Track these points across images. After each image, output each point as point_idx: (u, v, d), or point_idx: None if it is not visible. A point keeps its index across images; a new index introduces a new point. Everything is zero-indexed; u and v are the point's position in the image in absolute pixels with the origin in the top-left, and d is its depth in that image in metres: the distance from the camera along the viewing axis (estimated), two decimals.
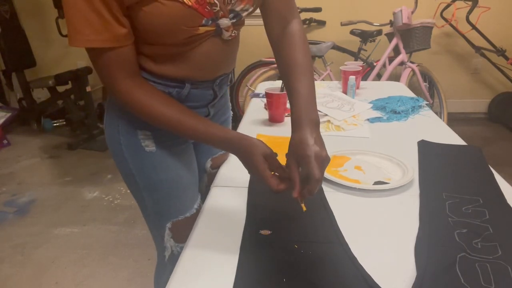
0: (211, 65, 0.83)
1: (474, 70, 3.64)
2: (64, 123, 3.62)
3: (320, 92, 1.67)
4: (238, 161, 0.75)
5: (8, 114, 3.58)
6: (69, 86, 3.44)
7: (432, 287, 0.63)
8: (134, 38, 0.72)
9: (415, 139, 1.20)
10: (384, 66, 3.04)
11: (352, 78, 1.62)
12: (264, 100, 1.54)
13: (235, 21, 0.79)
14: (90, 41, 0.66)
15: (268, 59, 3.18)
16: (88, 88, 3.39)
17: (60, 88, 3.50)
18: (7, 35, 3.39)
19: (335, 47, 3.18)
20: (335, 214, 0.83)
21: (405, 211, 0.85)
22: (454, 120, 3.49)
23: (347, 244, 0.73)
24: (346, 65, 1.77)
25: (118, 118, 0.84)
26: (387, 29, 3.04)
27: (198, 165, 1.03)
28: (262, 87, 1.76)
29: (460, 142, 1.19)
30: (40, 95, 3.75)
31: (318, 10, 3.33)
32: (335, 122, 1.36)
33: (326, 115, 1.41)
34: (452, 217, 0.81)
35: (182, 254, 0.74)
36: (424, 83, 3.05)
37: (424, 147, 1.14)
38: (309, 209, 0.67)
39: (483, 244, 0.72)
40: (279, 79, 3.01)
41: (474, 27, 3.15)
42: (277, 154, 0.76)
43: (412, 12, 2.81)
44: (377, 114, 1.43)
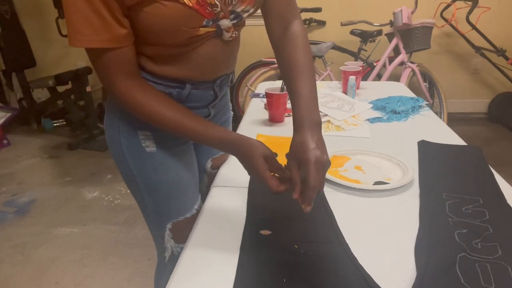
0: (212, 65, 0.83)
1: (474, 70, 3.64)
2: (64, 123, 3.63)
3: (320, 92, 1.68)
4: (238, 161, 0.75)
5: (8, 114, 3.58)
6: (69, 86, 3.44)
7: (432, 287, 0.63)
8: (134, 38, 0.72)
9: (415, 139, 1.20)
10: (384, 66, 3.04)
11: (352, 78, 1.62)
12: (264, 100, 1.54)
13: (235, 22, 0.79)
14: (90, 41, 0.66)
15: (268, 59, 3.18)
16: (88, 88, 3.40)
17: (60, 88, 3.50)
18: (7, 35, 3.40)
19: (335, 47, 3.18)
20: (335, 214, 0.83)
21: (405, 211, 0.85)
22: (454, 120, 3.49)
23: (347, 244, 0.73)
24: (346, 65, 1.77)
25: (118, 118, 0.84)
26: (387, 29, 3.04)
27: (198, 165, 1.03)
28: (262, 87, 1.76)
29: (460, 142, 1.19)
30: (40, 95, 3.76)
31: (318, 10, 3.33)
32: (335, 122, 1.36)
33: (326, 115, 1.41)
34: (452, 217, 0.81)
35: (182, 254, 0.74)
36: (424, 83, 3.05)
37: (424, 147, 1.14)
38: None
39: (483, 244, 0.72)
40: (279, 79, 3.01)
41: (474, 27, 3.15)
42: (277, 155, 0.76)
43: (412, 12, 2.81)
44: (377, 114, 1.43)
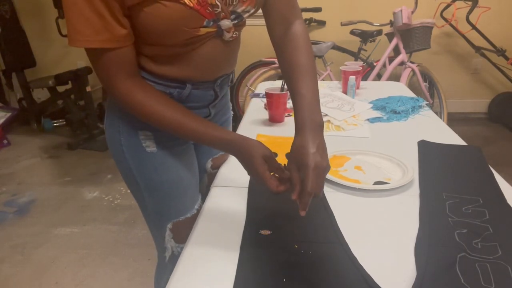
0: (212, 66, 0.83)
1: (474, 70, 3.64)
2: (64, 123, 3.63)
3: (320, 92, 1.67)
4: (238, 161, 0.75)
5: (8, 114, 3.58)
6: (69, 86, 3.44)
7: (432, 287, 0.63)
8: (134, 38, 0.72)
9: (415, 139, 1.20)
10: (384, 66, 3.04)
11: (352, 78, 1.62)
12: (264, 100, 1.54)
13: (236, 22, 0.79)
14: (90, 41, 0.66)
15: (268, 59, 3.18)
16: (88, 88, 3.40)
17: (60, 88, 3.50)
18: (7, 35, 3.39)
19: (335, 47, 3.18)
20: (335, 214, 0.83)
21: (405, 211, 0.85)
22: (454, 120, 3.49)
23: (347, 244, 0.73)
24: (346, 65, 1.77)
25: (118, 118, 0.84)
26: (387, 29, 3.04)
27: (199, 165, 1.03)
28: (262, 87, 1.76)
29: (460, 142, 1.19)
30: (40, 95, 3.75)
31: (318, 10, 3.33)
32: (335, 122, 1.36)
33: (326, 115, 1.41)
34: (452, 217, 0.81)
35: (182, 254, 0.74)
36: (424, 83, 3.05)
37: (424, 147, 1.14)
38: (309, 209, 0.67)
39: (483, 244, 0.72)
40: (279, 79, 3.01)
41: (474, 27, 3.15)
42: (276, 155, 0.76)
43: (412, 12, 2.81)
44: (377, 114, 1.43)
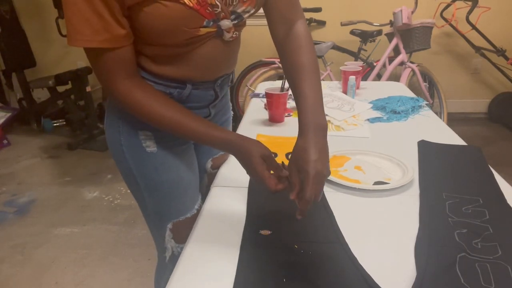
0: (212, 66, 0.83)
1: (474, 70, 3.64)
2: (64, 123, 3.63)
3: None
4: (238, 161, 0.75)
5: (8, 114, 3.58)
6: (69, 86, 3.44)
7: (432, 287, 0.63)
8: (133, 38, 0.72)
9: (415, 139, 1.20)
10: (384, 66, 3.04)
11: (352, 78, 1.62)
12: (264, 100, 1.54)
13: (236, 22, 0.78)
14: (89, 41, 0.66)
15: (268, 59, 3.18)
16: (88, 88, 3.40)
17: (60, 88, 3.50)
18: (7, 35, 3.39)
19: (335, 47, 3.18)
20: (335, 214, 0.83)
21: (405, 211, 0.85)
22: (454, 120, 3.49)
23: (347, 244, 0.73)
24: (346, 65, 1.77)
25: (118, 118, 0.84)
26: (387, 29, 3.04)
27: (199, 165, 1.03)
28: (262, 87, 1.76)
29: (460, 142, 1.19)
30: (40, 95, 3.75)
31: (318, 10, 3.33)
32: (335, 122, 1.36)
33: (326, 115, 1.41)
34: (452, 217, 0.81)
35: (182, 254, 0.74)
36: (424, 83, 3.05)
37: (424, 147, 1.14)
38: (309, 209, 0.67)
39: (483, 244, 0.72)
40: (279, 79, 3.01)
41: (474, 27, 3.15)
42: (276, 155, 0.76)
43: (412, 12, 2.81)
44: (377, 114, 1.43)
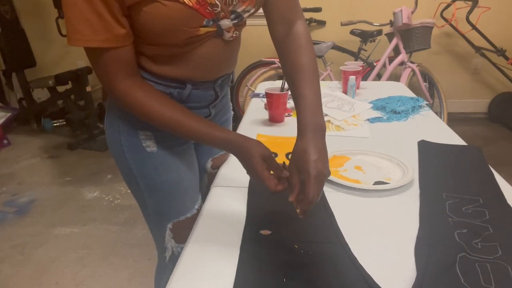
0: (212, 65, 0.83)
1: (474, 70, 3.64)
2: (64, 123, 3.63)
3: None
4: (238, 161, 0.75)
5: (8, 114, 3.58)
6: (69, 86, 3.44)
7: (432, 287, 0.63)
8: (133, 38, 0.72)
9: (415, 139, 1.20)
10: (384, 66, 3.04)
11: (352, 78, 1.62)
12: (264, 100, 1.54)
13: (236, 22, 0.78)
14: (89, 40, 0.66)
15: (268, 59, 3.18)
16: (88, 88, 3.40)
17: (60, 88, 3.50)
18: (7, 35, 3.39)
19: (335, 47, 3.18)
20: (335, 214, 0.83)
21: (405, 211, 0.85)
22: (454, 120, 3.49)
23: (347, 244, 0.73)
24: (346, 65, 1.77)
25: (118, 118, 0.84)
26: (387, 29, 3.04)
27: (199, 165, 1.03)
28: (262, 87, 1.76)
29: (460, 142, 1.19)
30: (40, 95, 3.75)
31: (318, 10, 3.33)
32: (335, 122, 1.36)
33: (326, 115, 1.41)
34: (452, 217, 0.81)
35: (182, 254, 0.74)
36: (424, 83, 3.05)
37: (424, 147, 1.14)
38: (311, 208, 0.67)
39: (483, 244, 0.72)
40: (279, 79, 3.01)
41: (474, 27, 3.15)
42: (276, 155, 0.77)
43: (412, 12, 2.81)
44: (377, 114, 1.43)
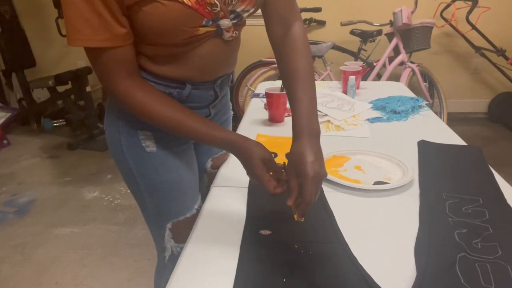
0: (212, 65, 0.83)
1: (474, 70, 3.64)
2: (64, 123, 3.63)
3: (320, 92, 1.67)
4: (238, 161, 0.75)
5: (8, 114, 3.58)
6: (69, 86, 3.44)
7: (432, 287, 0.63)
8: (133, 38, 0.72)
9: (415, 139, 1.20)
10: (384, 66, 3.04)
11: (352, 78, 1.62)
12: (264, 100, 1.54)
13: (236, 21, 0.78)
14: (89, 40, 0.66)
15: (268, 59, 3.18)
16: (88, 88, 3.40)
17: (60, 88, 3.50)
18: (7, 35, 3.39)
19: (335, 47, 3.18)
20: (335, 214, 0.83)
21: (405, 211, 0.85)
22: (454, 120, 3.49)
23: (347, 244, 0.73)
24: (346, 65, 1.77)
25: (118, 118, 0.84)
26: (387, 29, 3.04)
27: (198, 165, 1.03)
28: (262, 87, 1.76)
29: (460, 142, 1.19)
30: (40, 95, 3.75)
31: (318, 10, 3.33)
32: (335, 122, 1.36)
33: (326, 115, 1.41)
34: (452, 217, 0.81)
35: (182, 254, 0.74)
36: (424, 83, 3.05)
37: (424, 147, 1.14)
38: (309, 209, 0.67)
39: (483, 244, 0.72)
40: (279, 79, 3.00)
41: (474, 27, 3.15)
42: (276, 155, 0.77)
43: (412, 12, 2.81)
44: (377, 114, 1.43)
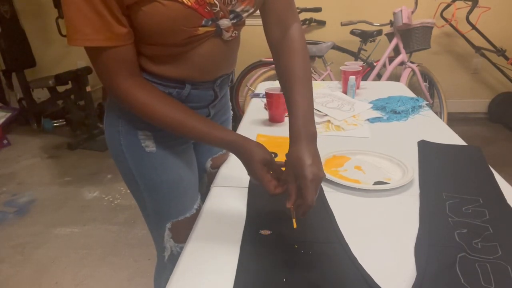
0: (212, 65, 0.83)
1: (474, 70, 3.64)
2: (64, 123, 3.63)
3: (320, 92, 1.67)
4: (238, 161, 0.76)
5: (8, 114, 3.58)
6: (69, 86, 3.44)
7: (432, 287, 0.63)
8: (134, 37, 0.72)
9: (415, 139, 1.20)
10: (384, 66, 3.04)
11: (352, 78, 1.62)
12: (264, 100, 1.54)
13: (235, 21, 0.78)
14: (89, 40, 0.66)
15: (268, 59, 3.18)
16: (88, 88, 3.40)
17: (60, 88, 3.50)
18: (7, 35, 3.39)
19: (335, 47, 3.18)
20: (335, 214, 0.83)
21: (405, 211, 0.85)
22: (454, 120, 3.49)
23: (347, 244, 0.73)
24: (346, 65, 1.77)
25: (118, 118, 0.84)
26: (387, 29, 3.04)
27: (198, 165, 1.03)
28: (262, 87, 1.76)
29: (460, 142, 1.19)
30: (40, 95, 3.75)
31: (318, 10, 3.33)
32: (335, 122, 1.36)
33: (326, 115, 1.41)
34: (452, 217, 0.81)
35: (182, 254, 0.74)
36: (424, 83, 3.05)
37: (424, 147, 1.14)
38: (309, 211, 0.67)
39: (483, 244, 0.72)
40: (278, 79, 3.00)
41: (474, 27, 3.15)
42: (276, 154, 0.77)
43: (412, 12, 2.81)
44: (377, 114, 1.43)
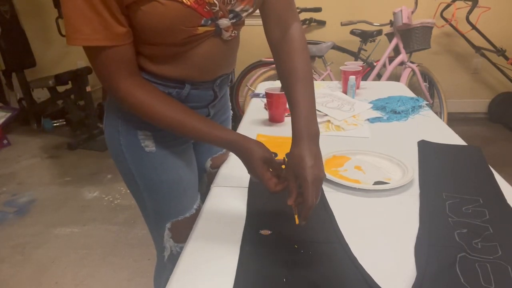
0: (211, 65, 0.83)
1: (474, 70, 3.64)
2: (64, 123, 3.63)
3: (320, 92, 1.67)
4: (238, 160, 0.76)
5: (8, 114, 3.58)
6: (69, 86, 3.44)
7: (432, 287, 0.63)
8: (133, 37, 0.72)
9: (415, 139, 1.20)
10: (384, 66, 3.04)
11: (352, 78, 1.62)
12: (264, 100, 1.54)
13: (235, 21, 0.78)
14: (89, 39, 0.66)
15: (268, 59, 3.18)
16: (88, 88, 3.40)
17: (60, 88, 3.50)
18: (7, 35, 3.39)
19: (335, 47, 3.18)
20: (335, 214, 0.83)
21: (405, 211, 0.85)
22: (454, 120, 3.49)
23: (347, 244, 0.73)
24: (346, 65, 1.77)
25: (117, 118, 0.84)
26: (387, 29, 3.04)
27: (198, 164, 1.03)
28: (262, 87, 1.76)
29: (460, 142, 1.19)
30: (40, 95, 3.75)
31: (318, 10, 3.33)
32: (335, 122, 1.36)
33: (326, 115, 1.41)
34: (452, 217, 0.81)
35: (182, 254, 0.74)
36: (424, 83, 3.05)
37: (424, 147, 1.14)
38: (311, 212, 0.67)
39: (483, 244, 0.72)
40: (279, 79, 3.01)
41: (474, 27, 3.15)
42: (276, 154, 0.77)
43: (412, 12, 2.81)
44: (377, 114, 1.43)
